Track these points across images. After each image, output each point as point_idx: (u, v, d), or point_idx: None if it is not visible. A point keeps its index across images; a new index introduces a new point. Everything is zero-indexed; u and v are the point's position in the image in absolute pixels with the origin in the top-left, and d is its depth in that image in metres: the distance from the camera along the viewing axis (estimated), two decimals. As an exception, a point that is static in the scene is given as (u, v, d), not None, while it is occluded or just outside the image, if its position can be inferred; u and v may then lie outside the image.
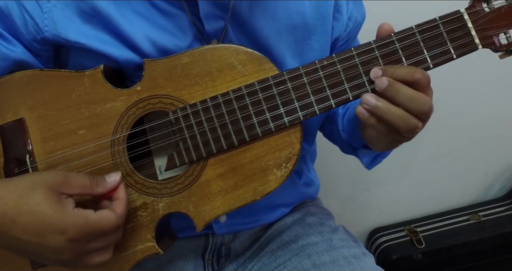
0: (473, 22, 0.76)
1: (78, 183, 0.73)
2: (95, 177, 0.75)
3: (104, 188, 0.75)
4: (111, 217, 0.72)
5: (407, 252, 1.77)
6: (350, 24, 1.00)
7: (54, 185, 0.70)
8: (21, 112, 0.83)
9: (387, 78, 0.74)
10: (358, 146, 1.04)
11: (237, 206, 0.80)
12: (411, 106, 0.73)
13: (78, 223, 0.68)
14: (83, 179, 0.74)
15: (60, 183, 0.71)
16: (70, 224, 0.68)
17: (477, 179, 2.00)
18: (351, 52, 0.76)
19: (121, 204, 0.75)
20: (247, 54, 0.79)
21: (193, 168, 0.80)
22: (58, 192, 0.70)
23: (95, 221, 0.70)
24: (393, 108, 0.74)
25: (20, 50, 0.84)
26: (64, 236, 0.68)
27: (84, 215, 0.70)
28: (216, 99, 0.78)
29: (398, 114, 0.73)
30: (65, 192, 0.71)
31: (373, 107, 0.74)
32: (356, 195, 1.93)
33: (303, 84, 0.77)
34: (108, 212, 0.72)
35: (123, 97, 0.81)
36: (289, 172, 0.79)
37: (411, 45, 0.76)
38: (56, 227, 0.68)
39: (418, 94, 0.73)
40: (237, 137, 0.78)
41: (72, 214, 0.69)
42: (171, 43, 0.85)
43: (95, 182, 0.75)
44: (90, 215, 0.70)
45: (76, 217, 0.69)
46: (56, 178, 0.71)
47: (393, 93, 0.73)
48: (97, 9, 0.83)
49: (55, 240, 0.68)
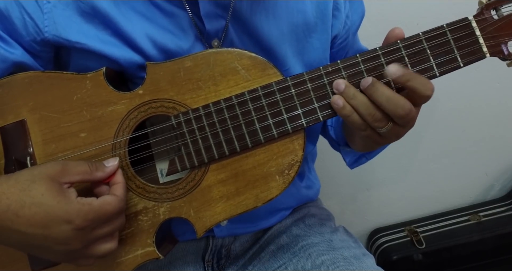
0: (481, 30, 0.74)
1: (77, 170, 0.72)
2: (93, 163, 0.75)
3: (103, 173, 0.75)
4: (114, 201, 0.72)
5: (408, 253, 1.77)
6: (348, 22, 0.99)
7: (54, 175, 0.70)
8: (22, 114, 0.82)
9: (372, 78, 0.75)
10: (342, 143, 1.05)
11: (238, 212, 0.80)
12: (386, 106, 0.74)
13: (83, 210, 0.68)
14: (82, 166, 0.73)
15: (60, 172, 0.70)
16: (75, 212, 0.68)
17: (477, 179, 2.00)
18: (356, 58, 0.76)
19: (120, 187, 0.75)
20: (251, 59, 0.79)
21: (195, 173, 0.80)
22: (59, 181, 0.70)
23: (99, 206, 0.70)
24: (359, 94, 0.75)
25: (19, 52, 0.84)
26: (70, 225, 0.68)
27: (88, 202, 0.70)
28: (219, 104, 0.78)
29: (363, 101, 0.75)
30: (66, 180, 0.71)
31: (341, 92, 0.76)
32: (356, 195, 1.93)
33: (307, 90, 0.77)
34: (110, 196, 0.73)
35: (125, 101, 0.80)
36: (291, 179, 0.79)
37: (418, 52, 0.75)
38: (62, 217, 0.67)
39: (396, 96, 0.74)
40: (239, 143, 0.78)
41: (76, 202, 0.69)
42: (172, 43, 0.85)
43: (94, 167, 0.74)
44: (94, 201, 0.70)
45: (81, 205, 0.69)
46: (55, 168, 0.71)
47: (372, 91, 0.74)
48: (98, 9, 0.82)
49: (61, 230, 0.68)
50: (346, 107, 0.76)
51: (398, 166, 1.88)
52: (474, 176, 1.98)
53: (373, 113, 0.75)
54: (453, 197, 1.99)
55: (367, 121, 0.76)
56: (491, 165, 1.98)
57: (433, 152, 1.88)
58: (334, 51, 1.01)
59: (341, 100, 0.76)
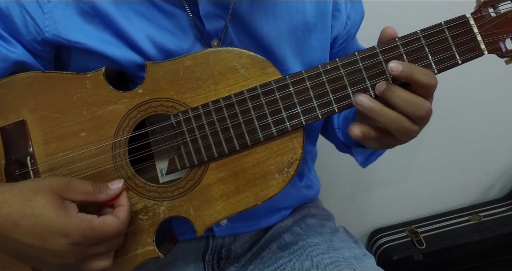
0: (479, 27, 0.75)
1: (81, 189, 0.73)
2: (98, 184, 0.76)
3: (106, 195, 0.76)
4: (114, 222, 0.72)
5: (408, 253, 1.77)
6: (349, 22, 0.99)
7: (57, 189, 0.70)
8: (23, 114, 0.82)
9: (386, 82, 0.75)
10: (352, 144, 1.04)
11: (238, 210, 0.80)
12: (406, 108, 0.73)
13: (82, 226, 0.69)
14: (86, 185, 0.74)
15: (63, 188, 0.71)
16: (73, 227, 0.68)
17: (477, 180, 2.00)
18: (355, 56, 0.76)
19: (124, 210, 0.76)
20: (250, 57, 0.79)
21: (194, 171, 0.80)
22: (61, 196, 0.71)
23: (98, 225, 0.71)
24: (386, 110, 0.74)
25: (20, 51, 0.84)
26: (67, 239, 0.68)
27: (88, 219, 0.70)
28: (218, 103, 0.78)
29: (391, 116, 0.74)
30: (68, 197, 0.71)
31: (367, 109, 0.74)
32: (357, 195, 1.93)
33: (305, 88, 0.77)
34: (111, 217, 0.73)
35: (124, 100, 0.81)
36: (290, 177, 0.79)
37: (416, 50, 0.75)
38: (60, 230, 0.68)
39: (414, 97, 0.73)
40: (238, 141, 0.78)
41: (76, 218, 0.69)
42: (172, 43, 0.85)
43: (98, 189, 0.75)
44: (94, 219, 0.71)
45: (80, 221, 0.69)
46: (59, 183, 0.71)
47: (388, 95, 0.74)
48: (98, 9, 0.82)
49: (58, 244, 0.68)
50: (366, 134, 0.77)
51: (399, 166, 1.89)
52: (475, 176, 1.98)
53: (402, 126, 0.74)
54: (454, 197, 1.99)
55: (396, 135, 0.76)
56: (492, 165, 1.99)
57: (433, 152, 1.88)
58: (335, 52, 1.01)
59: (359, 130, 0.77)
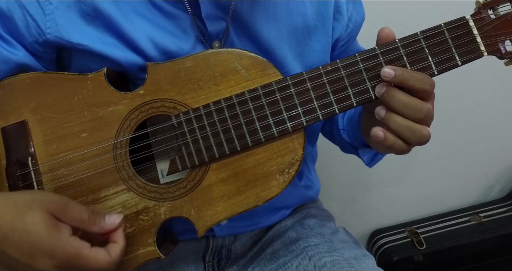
0: (478, 29, 0.75)
1: (76, 215, 0.71)
2: (95, 213, 0.73)
3: (100, 229, 0.73)
4: (104, 259, 0.70)
5: (408, 254, 1.77)
6: (351, 24, 1.00)
7: (53, 209, 0.69)
8: (24, 115, 0.83)
9: (386, 84, 0.75)
10: (359, 145, 1.04)
11: (239, 211, 0.80)
12: (406, 112, 0.73)
13: (69, 252, 0.67)
14: (82, 213, 0.72)
15: (59, 209, 0.69)
16: (61, 251, 0.67)
17: (477, 180, 2.00)
18: (355, 58, 0.76)
19: (118, 249, 0.73)
20: (251, 58, 0.79)
21: (195, 172, 0.80)
22: (56, 217, 0.69)
23: (87, 257, 0.68)
24: (399, 119, 0.74)
25: (22, 53, 0.84)
26: (52, 261, 0.67)
27: (77, 246, 0.68)
28: (219, 104, 0.78)
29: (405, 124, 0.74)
30: (62, 219, 0.69)
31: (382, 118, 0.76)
32: (357, 196, 1.93)
33: (306, 89, 0.77)
34: (103, 253, 0.70)
35: (126, 101, 0.81)
36: (291, 178, 0.79)
37: (416, 51, 0.75)
38: (47, 251, 0.66)
39: (413, 101, 0.73)
40: (239, 142, 0.78)
41: (66, 242, 0.67)
42: (173, 44, 0.85)
43: (93, 220, 0.72)
44: (84, 248, 0.68)
45: (69, 246, 0.67)
46: (57, 203, 0.70)
47: (388, 99, 0.74)
48: (99, 11, 0.83)
49: (43, 263, 0.67)
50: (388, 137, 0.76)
51: (399, 166, 1.89)
52: (475, 176, 1.98)
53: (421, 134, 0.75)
54: (454, 197, 1.99)
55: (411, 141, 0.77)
56: (492, 166, 1.99)
57: (433, 153, 1.88)
58: (336, 54, 1.01)
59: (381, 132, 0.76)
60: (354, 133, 1.03)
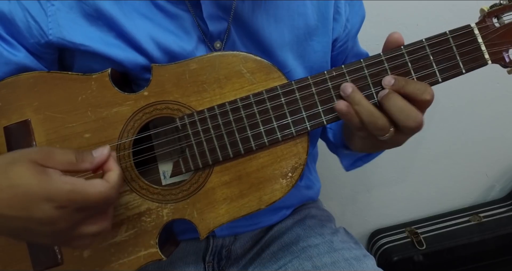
0: (483, 37, 0.75)
1: (62, 158, 0.68)
2: (81, 152, 0.70)
3: (90, 164, 0.70)
4: (102, 185, 0.67)
5: (408, 254, 1.77)
6: (349, 25, 0.99)
7: (37, 158, 0.66)
8: (27, 114, 0.82)
9: (388, 90, 0.75)
10: (340, 145, 1.04)
11: (241, 214, 0.80)
12: (398, 116, 0.73)
13: (64, 189, 0.64)
14: (68, 155, 0.69)
15: (43, 157, 0.66)
16: (55, 190, 0.64)
17: (477, 180, 2.00)
18: (360, 63, 0.76)
19: (114, 174, 0.70)
20: (256, 62, 0.79)
21: (199, 175, 0.80)
22: (41, 164, 0.66)
23: (84, 188, 0.65)
24: (364, 101, 0.75)
25: (23, 54, 0.84)
26: (51, 204, 0.64)
27: (71, 182, 0.65)
28: (224, 107, 0.78)
29: (367, 108, 0.74)
30: (48, 165, 0.66)
31: (347, 95, 0.75)
32: (357, 196, 1.93)
33: (311, 94, 0.77)
34: (100, 180, 0.68)
35: (130, 102, 0.81)
36: (294, 182, 0.79)
37: (421, 58, 0.75)
38: (41, 195, 0.63)
39: (409, 107, 0.73)
40: (243, 145, 0.78)
41: (58, 180, 0.65)
42: (176, 44, 0.85)
43: (80, 158, 0.69)
44: (78, 181, 0.65)
45: (62, 183, 0.64)
46: (39, 153, 0.67)
47: (385, 100, 0.74)
48: (101, 11, 0.83)
49: (43, 210, 0.64)
50: (350, 112, 0.75)
51: (399, 167, 1.89)
52: (475, 176, 1.98)
53: (375, 122, 0.74)
54: (454, 197, 1.99)
55: (368, 128, 0.76)
56: (492, 166, 1.99)
57: (433, 153, 1.88)
58: (334, 54, 1.01)
59: (344, 105, 0.75)
60: (339, 134, 1.04)
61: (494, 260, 1.83)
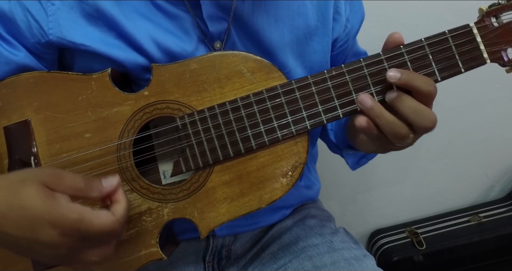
0: (482, 37, 0.75)
1: (71, 184, 0.68)
2: (90, 180, 0.71)
3: (99, 192, 0.71)
4: (108, 218, 0.68)
5: (408, 254, 1.76)
6: (349, 25, 0.99)
7: (46, 180, 0.66)
8: (27, 114, 0.82)
9: (397, 91, 0.74)
10: (344, 146, 1.04)
11: (242, 213, 0.80)
12: (414, 118, 0.73)
13: (71, 218, 0.65)
14: (77, 181, 0.69)
15: (53, 180, 0.67)
16: (61, 218, 0.64)
17: (477, 180, 2.00)
18: (360, 63, 0.76)
19: (121, 207, 0.71)
20: (256, 62, 0.79)
21: (199, 174, 0.80)
22: (51, 188, 0.66)
23: (90, 219, 0.66)
24: (386, 113, 0.74)
25: (23, 54, 0.84)
26: (56, 230, 0.64)
27: (78, 211, 0.65)
28: (224, 107, 0.78)
29: (389, 120, 0.74)
30: (57, 189, 0.67)
31: (368, 108, 0.75)
32: (357, 196, 1.93)
33: (311, 93, 0.77)
34: (106, 212, 0.68)
35: (130, 102, 0.81)
36: (295, 181, 0.80)
37: (420, 58, 0.76)
38: (47, 220, 0.64)
39: (423, 108, 0.73)
40: (244, 145, 0.78)
41: (65, 207, 0.65)
42: (176, 45, 0.85)
43: (89, 186, 0.70)
44: (86, 211, 0.66)
45: (69, 211, 0.65)
46: (49, 175, 0.68)
47: (399, 104, 0.74)
48: (102, 11, 0.83)
49: (48, 235, 0.65)
50: (371, 127, 0.75)
51: (399, 167, 1.88)
52: (475, 176, 1.98)
53: (397, 132, 0.74)
54: (454, 197, 1.99)
55: (388, 137, 0.75)
56: (492, 166, 1.99)
57: (433, 153, 1.88)
58: (334, 54, 1.01)
59: (365, 121, 0.75)
60: (341, 135, 1.03)
61: (494, 260, 1.83)
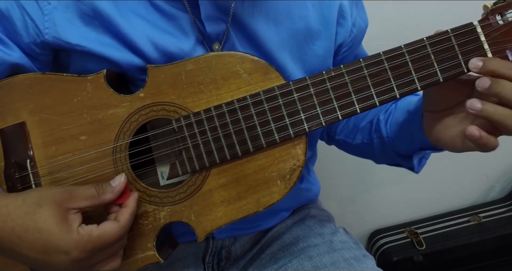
0: (486, 35, 0.73)
1: (85, 195, 0.72)
2: (100, 185, 0.74)
3: (112, 194, 0.75)
4: (114, 229, 0.71)
5: (408, 254, 1.77)
6: (355, 30, 0.98)
7: (61, 201, 0.70)
8: (22, 116, 0.82)
9: (488, 77, 0.70)
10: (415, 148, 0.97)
11: (239, 217, 0.79)
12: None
13: (82, 242, 0.68)
14: (89, 190, 0.73)
15: (67, 198, 0.70)
16: (73, 244, 0.68)
17: (477, 180, 2.00)
18: (360, 63, 0.75)
19: (126, 212, 0.74)
20: (253, 62, 0.78)
21: (196, 177, 0.79)
22: (66, 207, 0.70)
23: (98, 236, 0.70)
24: (499, 108, 0.69)
25: (18, 54, 0.83)
26: (68, 256, 0.68)
27: (87, 233, 0.69)
28: (220, 108, 0.77)
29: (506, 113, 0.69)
30: (73, 206, 0.71)
31: (480, 111, 0.69)
32: (357, 196, 1.93)
33: (309, 95, 0.76)
34: (111, 224, 0.72)
35: (125, 104, 0.80)
36: (293, 184, 0.78)
37: (422, 57, 0.74)
38: (60, 246, 0.68)
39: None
40: (241, 147, 0.77)
41: (76, 233, 0.69)
42: (173, 45, 0.84)
43: (101, 190, 0.74)
44: (93, 231, 0.70)
45: (80, 236, 0.69)
46: (63, 194, 0.71)
47: (499, 90, 0.68)
48: (98, 11, 0.82)
49: (60, 259, 0.68)
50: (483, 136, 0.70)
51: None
52: (475, 177, 1.98)
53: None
54: (453, 198, 1.99)
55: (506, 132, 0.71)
56: (492, 166, 1.99)
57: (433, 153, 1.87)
58: (339, 59, 1.00)
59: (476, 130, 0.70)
60: (403, 138, 0.98)
61: (494, 260, 1.84)
